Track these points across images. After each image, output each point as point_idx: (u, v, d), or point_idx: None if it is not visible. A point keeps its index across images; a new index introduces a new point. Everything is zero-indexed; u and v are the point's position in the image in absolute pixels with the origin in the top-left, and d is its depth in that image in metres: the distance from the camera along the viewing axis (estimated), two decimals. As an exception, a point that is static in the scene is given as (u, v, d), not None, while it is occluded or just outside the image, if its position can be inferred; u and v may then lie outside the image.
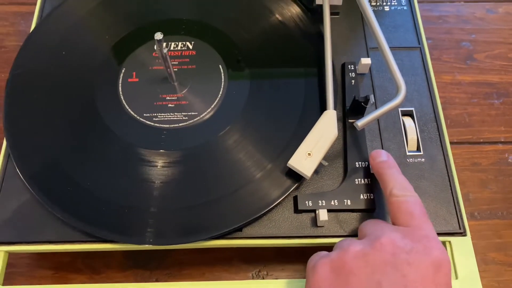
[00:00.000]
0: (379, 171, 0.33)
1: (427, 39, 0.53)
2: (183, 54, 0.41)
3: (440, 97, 0.49)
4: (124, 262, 0.42)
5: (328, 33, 0.38)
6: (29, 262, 0.42)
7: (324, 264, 0.28)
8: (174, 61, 0.40)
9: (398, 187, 0.31)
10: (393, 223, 0.30)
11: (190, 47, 0.41)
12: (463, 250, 0.35)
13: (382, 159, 0.33)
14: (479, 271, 0.41)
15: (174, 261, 0.42)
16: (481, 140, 0.48)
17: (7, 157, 0.38)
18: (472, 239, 0.43)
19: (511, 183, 0.45)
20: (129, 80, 0.40)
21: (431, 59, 0.52)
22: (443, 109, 0.49)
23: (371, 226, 0.30)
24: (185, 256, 0.42)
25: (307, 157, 0.34)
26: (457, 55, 0.52)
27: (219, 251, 0.42)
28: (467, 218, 0.44)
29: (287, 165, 0.34)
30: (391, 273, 0.25)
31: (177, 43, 0.41)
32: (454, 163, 0.46)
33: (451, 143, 0.47)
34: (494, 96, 0.50)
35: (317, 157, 0.34)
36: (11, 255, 0.38)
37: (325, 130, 0.34)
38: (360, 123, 0.32)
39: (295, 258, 0.41)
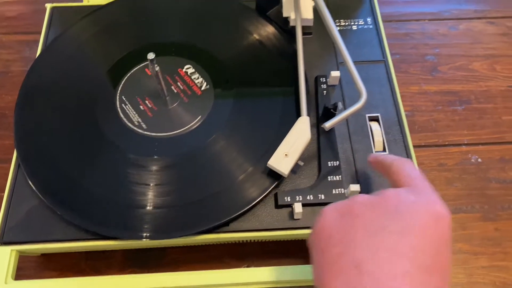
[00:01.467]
0: (377, 159, 0.36)
1: (395, 54, 0.59)
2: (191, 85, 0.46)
3: (408, 105, 0.55)
4: (124, 262, 0.46)
5: (300, 50, 0.43)
6: (35, 264, 0.45)
7: (331, 208, 0.29)
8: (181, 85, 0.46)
9: (396, 159, 0.33)
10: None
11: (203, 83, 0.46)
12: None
13: (378, 154, 0.37)
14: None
15: (170, 260, 0.46)
16: (447, 143, 0.53)
17: (17, 167, 0.42)
18: (440, 231, 0.47)
19: (474, 180, 0.50)
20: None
21: (400, 72, 0.57)
22: (412, 116, 0.54)
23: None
24: (180, 255, 0.46)
25: (284, 157, 0.38)
26: (423, 68, 0.58)
27: (211, 250, 0.46)
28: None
29: (267, 165, 0.39)
30: (395, 219, 0.26)
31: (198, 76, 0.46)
32: (423, 164, 0.51)
33: (419, 146, 0.52)
34: (457, 103, 0.55)
35: (293, 158, 0.38)
36: (19, 258, 0.42)
37: (299, 134, 0.39)
38: (327, 124, 0.37)
39: (281, 254, 0.45)
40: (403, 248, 0.25)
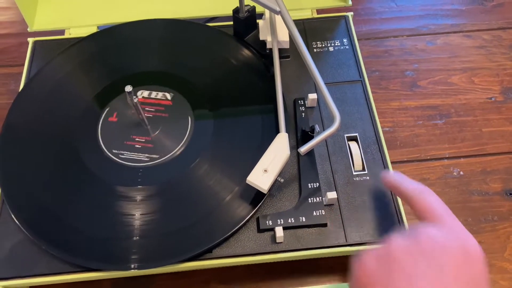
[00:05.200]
0: (393, 184, 0.37)
1: (375, 71, 0.60)
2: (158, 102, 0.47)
3: (389, 121, 0.56)
4: (112, 291, 0.46)
5: (277, 70, 0.44)
6: (25, 297, 0.46)
7: (369, 254, 0.31)
8: (150, 108, 0.46)
9: (416, 191, 0.34)
10: (420, 220, 0.33)
11: (166, 95, 0.47)
12: (406, 254, 0.39)
13: (392, 176, 0.37)
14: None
15: (157, 286, 0.46)
16: (428, 157, 0.53)
17: (1, 203, 0.42)
18: (425, 246, 0.48)
19: (456, 193, 0.51)
20: (107, 126, 0.45)
21: (380, 88, 0.58)
22: (393, 132, 0.55)
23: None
24: (167, 282, 0.46)
25: (263, 173, 0.39)
26: (402, 84, 0.59)
27: (198, 275, 0.47)
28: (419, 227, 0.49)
29: (246, 181, 0.39)
30: (431, 261, 0.28)
31: (157, 92, 0.47)
32: (405, 179, 0.51)
33: (401, 161, 0.53)
34: (437, 117, 0.56)
35: (272, 173, 0.39)
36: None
37: (278, 150, 0.40)
38: (303, 149, 0.38)
39: (266, 275, 0.46)
40: None
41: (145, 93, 0.47)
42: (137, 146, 0.44)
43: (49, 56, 0.51)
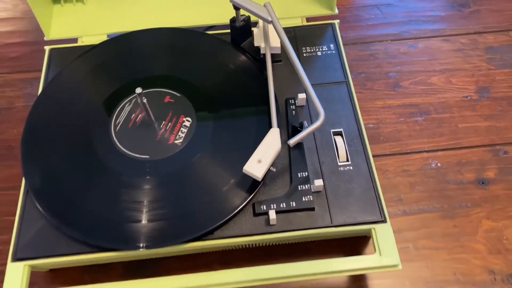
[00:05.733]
0: None
1: (361, 73, 0.65)
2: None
3: (374, 119, 0.61)
4: (123, 273, 0.51)
5: (270, 72, 0.50)
6: (44, 279, 0.51)
7: None
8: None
9: None
10: None
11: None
12: (384, 233, 0.44)
13: None
14: (412, 256, 0.51)
15: (165, 269, 0.51)
16: (409, 151, 0.58)
17: (26, 193, 0.48)
18: (405, 231, 0.53)
19: (434, 183, 0.56)
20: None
21: (366, 89, 0.64)
22: (377, 128, 0.60)
23: None
24: (173, 264, 0.51)
25: (258, 163, 0.44)
26: (386, 84, 0.64)
27: (201, 258, 0.52)
28: (400, 215, 0.54)
29: (243, 170, 0.44)
30: None
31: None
32: (388, 171, 0.57)
33: (385, 155, 0.58)
34: (418, 115, 0.61)
35: (265, 163, 0.44)
36: (30, 274, 0.47)
37: (271, 143, 0.45)
38: (292, 141, 0.43)
39: (263, 258, 0.51)
40: None
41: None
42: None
43: (64, 62, 0.56)
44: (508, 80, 0.63)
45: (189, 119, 0.50)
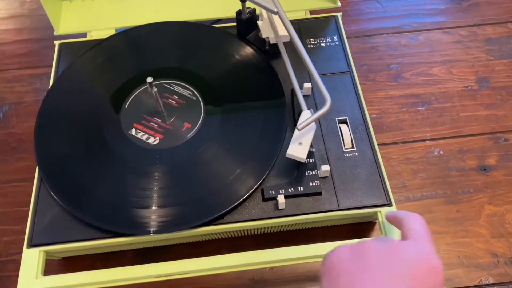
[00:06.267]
0: (393, 216, 0.41)
1: (363, 65, 0.66)
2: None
3: (377, 109, 0.63)
4: (134, 260, 0.52)
5: (287, 61, 0.51)
6: (58, 267, 0.52)
7: (344, 249, 0.34)
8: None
9: (406, 216, 0.38)
10: (402, 239, 0.37)
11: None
12: (390, 216, 0.46)
13: (393, 212, 0.42)
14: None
15: (175, 255, 0.52)
16: (412, 139, 0.60)
17: (39, 181, 0.49)
18: (409, 216, 0.54)
19: (437, 170, 0.57)
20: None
21: (368, 80, 0.65)
22: (380, 118, 0.62)
23: None
24: (183, 251, 0.52)
25: (299, 146, 0.45)
26: (388, 76, 0.65)
27: (210, 245, 0.53)
28: (404, 201, 0.55)
29: (286, 155, 0.45)
30: (399, 265, 0.31)
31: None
32: (391, 159, 0.58)
33: (388, 143, 0.60)
34: (420, 105, 0.63)
35: (306, 145, 0.45)
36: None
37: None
38: (300, 126, 0.44)
39: (269, 243, 0.52)
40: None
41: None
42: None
43: (74, 56, 0.57)
44: (507, 70, 0.65)
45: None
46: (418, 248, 0.34)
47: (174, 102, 0.53)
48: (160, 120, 0.51)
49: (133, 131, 0.51)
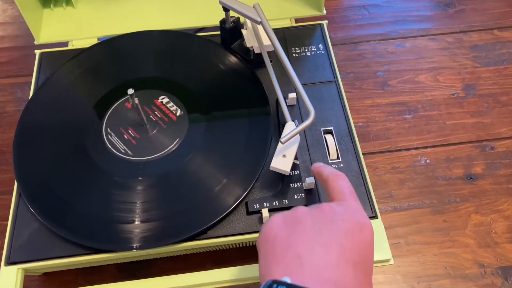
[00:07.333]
0: (317, 169, 0.41)
1: (350, 73, 0.66)
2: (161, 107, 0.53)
3: (363, 117, 0.62)
4: (117, 275, 0.51)
5: (271, 70, 0.50)
6: (38, 283, 0.51)
7: (278, 216, 0.35)
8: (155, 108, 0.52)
9: (332, 175, 0.39)
10: (330, 200, 0.38)
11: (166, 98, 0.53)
12: (376, 229, 0.45)
13: (317, 165, 0.42)
14: (403, 251, 0.52)
15: (158, 269, 0.51)
16: (398, 148, 0.59)
17: (18, 196, 0.48)
18: (395, 227, 0.54)
19: (424, 179, 0.57)
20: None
21: (355, 88, 0.65)
22: (367, 126, 0.61)
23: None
24: (167, 265, 0.52)
25: (283, 158, 0.44)
26: (375, 83, 0.65)
27: (194, 258, 0.52)
28: (390, 211, 0.55)
29: (270, 168, 0.44)
30: (329, 225, 0.33)
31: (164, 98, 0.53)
32: (378, 168, 0.58)
33: (374, 152, 0.59)
34: (406, 113, 0.62)
35: (290, 157, 0.44)
36: (24, 278, 0.47)
37: None
38: (283, 139, 0.43)
39: (256, 256, 0.51)
40: (334, 245, 0.32)
41: (165, 100, 0.53)
42: (125, 137, 0.50)
43: (55, 66, 0.56)
44: (493, 78, 0.65)
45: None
46: (346, 208, 0.35)
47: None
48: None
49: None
